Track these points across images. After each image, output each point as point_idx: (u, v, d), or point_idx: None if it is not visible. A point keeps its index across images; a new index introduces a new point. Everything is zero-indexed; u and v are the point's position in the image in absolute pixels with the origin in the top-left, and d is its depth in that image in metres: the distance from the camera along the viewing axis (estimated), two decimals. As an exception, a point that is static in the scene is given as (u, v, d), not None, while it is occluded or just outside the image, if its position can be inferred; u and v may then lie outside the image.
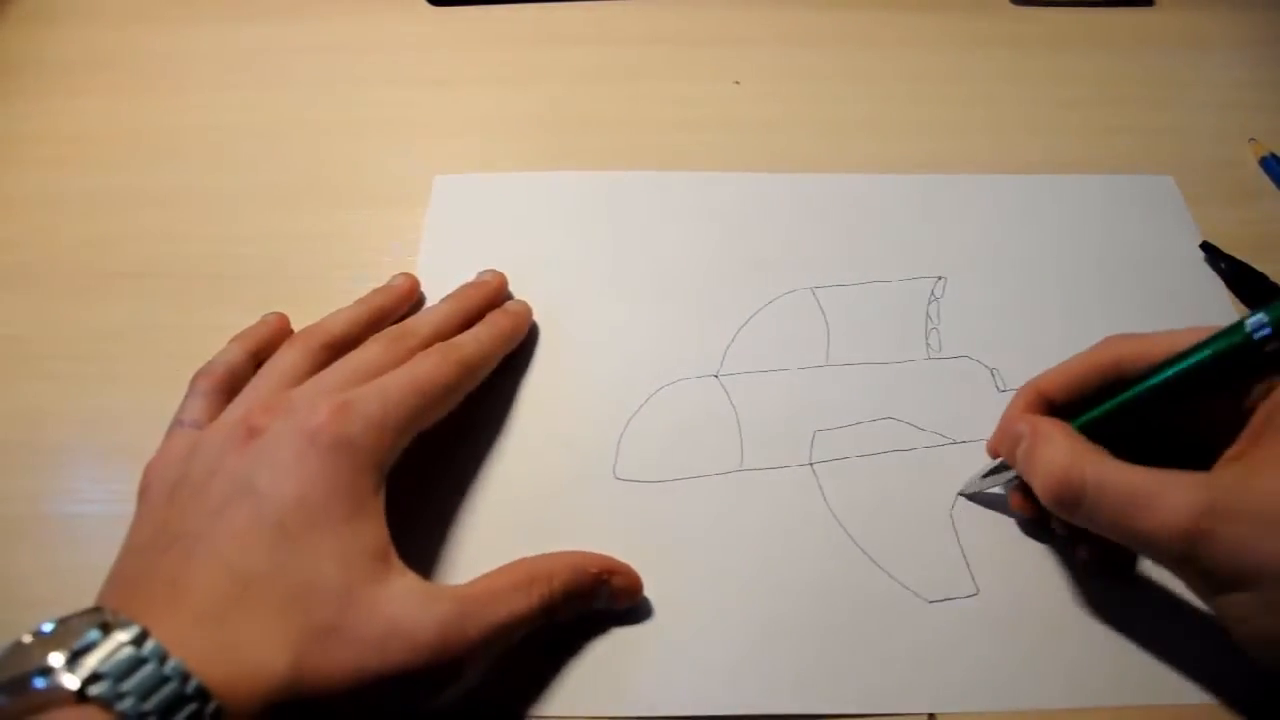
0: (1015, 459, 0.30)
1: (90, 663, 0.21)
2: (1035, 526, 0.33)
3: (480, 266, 0.39)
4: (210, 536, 0.25)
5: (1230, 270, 0.40)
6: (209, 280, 0.40)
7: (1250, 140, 0.46)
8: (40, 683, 0.20)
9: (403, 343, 0.32)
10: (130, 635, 0.21)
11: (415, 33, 0.51)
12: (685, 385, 0.37)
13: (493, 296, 0.37)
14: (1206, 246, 0.41)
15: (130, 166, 0.44)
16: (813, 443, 0.35)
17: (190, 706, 0.21)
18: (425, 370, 0.31)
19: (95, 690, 0.20)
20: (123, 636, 0.21)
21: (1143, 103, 0.48)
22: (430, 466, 0.34)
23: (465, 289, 0.37)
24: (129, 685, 0.21)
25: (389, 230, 0.41)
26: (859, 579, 0.32)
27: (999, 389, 0.37)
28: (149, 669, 0.21)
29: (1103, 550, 0.31)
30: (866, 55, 0.50)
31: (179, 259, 0.40)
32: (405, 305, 0.37)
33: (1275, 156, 0.45)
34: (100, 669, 0.21)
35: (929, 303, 0.39)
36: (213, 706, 0.21)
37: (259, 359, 0.33)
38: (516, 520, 0.33)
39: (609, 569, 0.30)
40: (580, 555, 0.30)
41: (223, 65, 0.49)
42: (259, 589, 0.24)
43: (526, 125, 0.46)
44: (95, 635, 0.21)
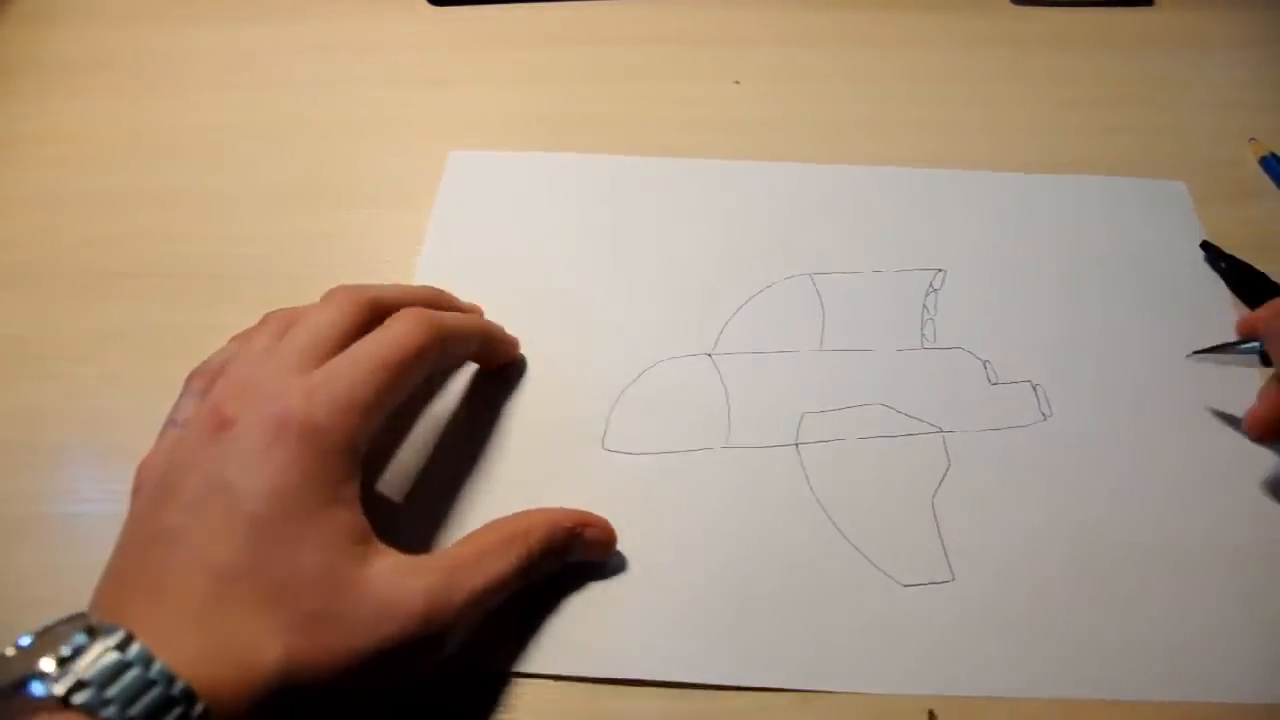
0: (1273, 329, 0.32)
1: (76, 670, 0.20)
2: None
3: (488, 239, 0.40)
4: (187, 534, 0.25)
5: (1230, 270, 0.40)
6: (209, 280, 0.40)
7: (1250, 140, 0.46)
8: (38, 689, 0.20)
9: (360, 295, 0.31)
10: (115, 640, 0.21)
11: (415, 33, 0.51)
12: (678, 362, 0.37)
13: (472, 308, 0.37)
14: (1206, 246, 0.41)
15: (130, 166, 0.44)
16: (800, 424, 0.35)
17: (176, 710, 0.21)
18: (393, 336, 0.29)
19: (79, 698, 0.20)
20: (108, 641, 0.21)
21: (1143, 103, 0.48)
22: (421, 432, 0.35)
23: (445, 291, 0.36)
24: (113, 692, 0.20)
25: (389, 230, 0.42)
26: (835, 559, 0.32)
27: (990, 381, 0.37)
28: (134, 674, 0.21)
29: None
30: (866, 55, 0.50)
31: (179, 259, 0.40)
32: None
33: (1275, 156, 0.44)
34: (85, 676, 0.20)
35: (927, 294, 0.39)
36: (199, 708, 0.21)
37: None
38: (505, 486, 0.34)
39: (582, 522, 0.31)
40: (554, 511, 0.31)
41: (223, 65, 0.49)
42: (240, 584, 0.24)
43: (526, 125, 0.46)
44: (82, 640, 0.21)
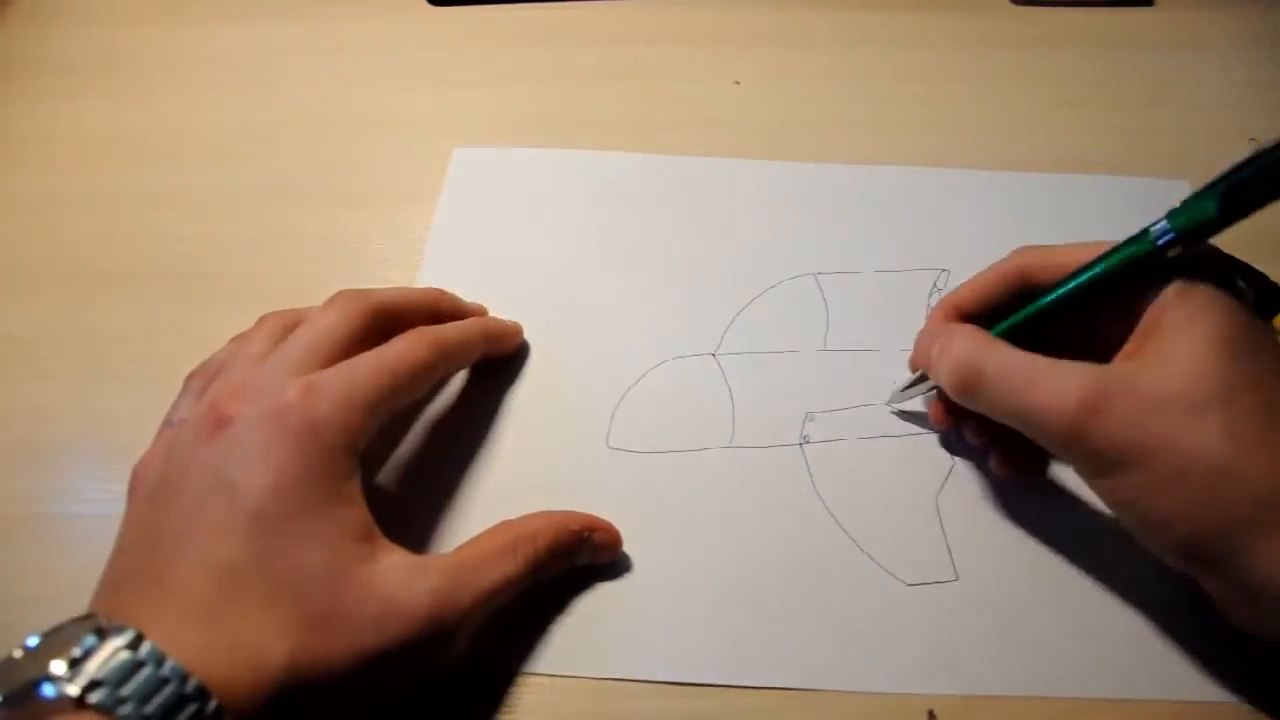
0: (930, 363, 0.32)
1: (89, 669, 0.21)
2: (954, 440, 0.35)
3: (492, 235, 0.41)
4: (190, 533, 0.25)
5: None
6: (209, 280, 0.40)
7: (1250, 140, 0.46)
8: (49, 691, 0.20)
9: (362, 300, 0.31)
10: (126, 639, 0.21)
11: (415, 33, 0.51)
12: (682, 362, 0.37)
13: (475, 308, 0.37)
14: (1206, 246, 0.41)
15: (130, 166, 0.44)
16: (803, 424, 0.35)
17: (191, 707, 0.21)
18: (396, 351, 0.29)
19: (95, 698, 0.20)
20: (118, 641, 0.21)
21: (1143, 103, 0.48)
22: (426, 431, 0.35)
23: (447, 292, 0.36)
24: (128, 690, 0.21)
25: (389, 230, 0.42)
26: (839, 559, 0.32)
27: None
28: (147, 672, 0.21)
29: (1012, 451, 0.32)
30: (866, 55, 0.50)
31: (179, 259, 0.40)
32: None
33: (1275, 157, 0.44)
34: (98, 675, 0.20)
35: (930, 294, 0.39)
36: (213, 705, 0.21)
37: None
38: (508, 484, 0.34)
39: (589, 525, 0.31)
40: (561, 514, 0.31)
41: (223, 65, 0.49)
42: (245, 582, 0.24)
43: (526, 125, 0.46)
44: (92, 640, 0.21)
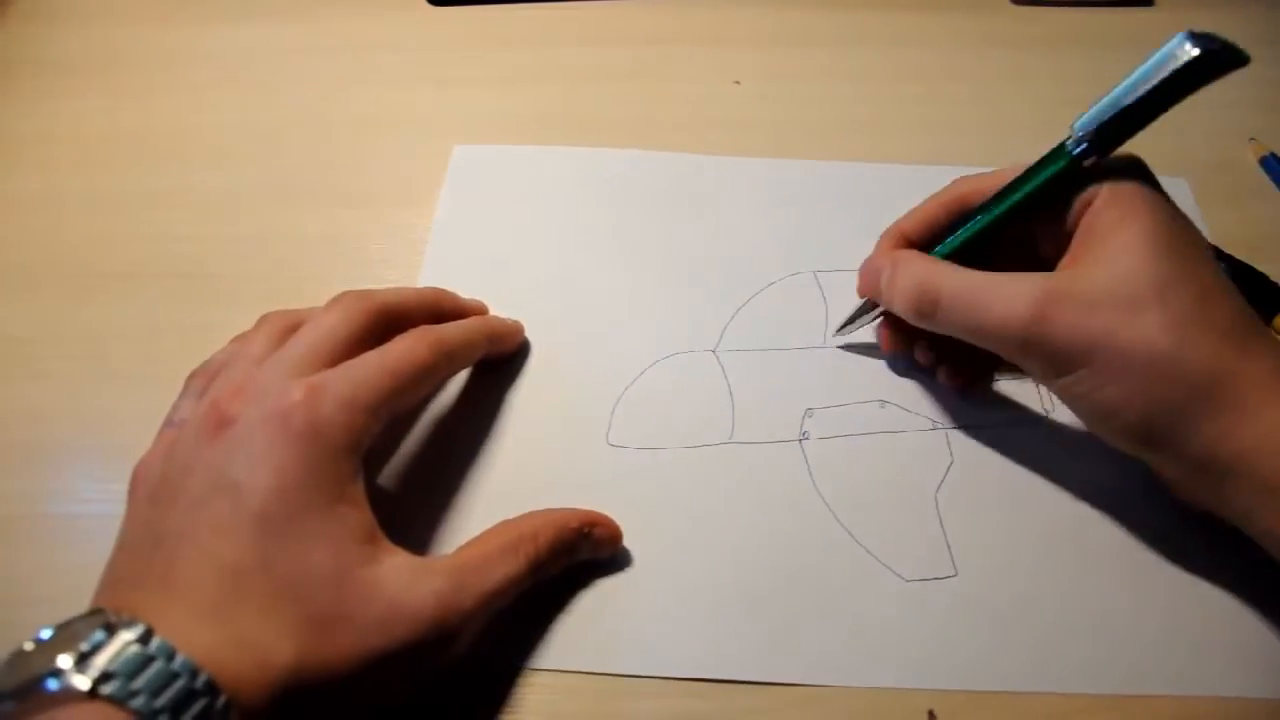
0: (880, 290, 0.34)
1: (99, 662, 0.21)
2: (903, 362, 0.37)
3: (492, 233, 0.41)
4: (193, 533, 0.25)
5: (1230, 270, 0.40)
6: (209, 280, 0.40)
7: (1250, 140, 0.46)
8: (53, 685, 0.20)
9: (364, 300, 0.31)
10: (135, 634, 0.21)
11: (415, 33, 0.51)
12: (682, 359, 0.37)
13: (476, 306, 0.37)
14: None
15: (130, 166, 0.44)
16: (803, 420, 0.36)
17: (201, 702, 0.21)
18: (398, 352, 0.29)
19: (107, 689, 0.20)
20: (128, 635, 0.21)
21: (1142, 103, 0.48)
22: (427, 430, 0.35)
23: (448, 291, 0.36)
24: (140, 683, 0.21)
25: (389, 230, 0.41)
26: (839, 554, 0.32)
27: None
28: (158, 666, 0.21)
29: (958, 365, 0.35)
30: (866, 55, 0.50)
31: (179, 259, 0.40)
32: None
33: (1275, 156, 0.45)
34: (110, 668, 0.21)
35: None
36: (222, 700, 0.21)
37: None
38: (509, 481, 0.34)
39: (589, 521, 0.31)
40: (561, 512, 0.31)
41: (223, 65, 0.49)
42: (250, 582, 0.24)
43: (526, 125, 0.46)
44: (101, 636, 0.21)
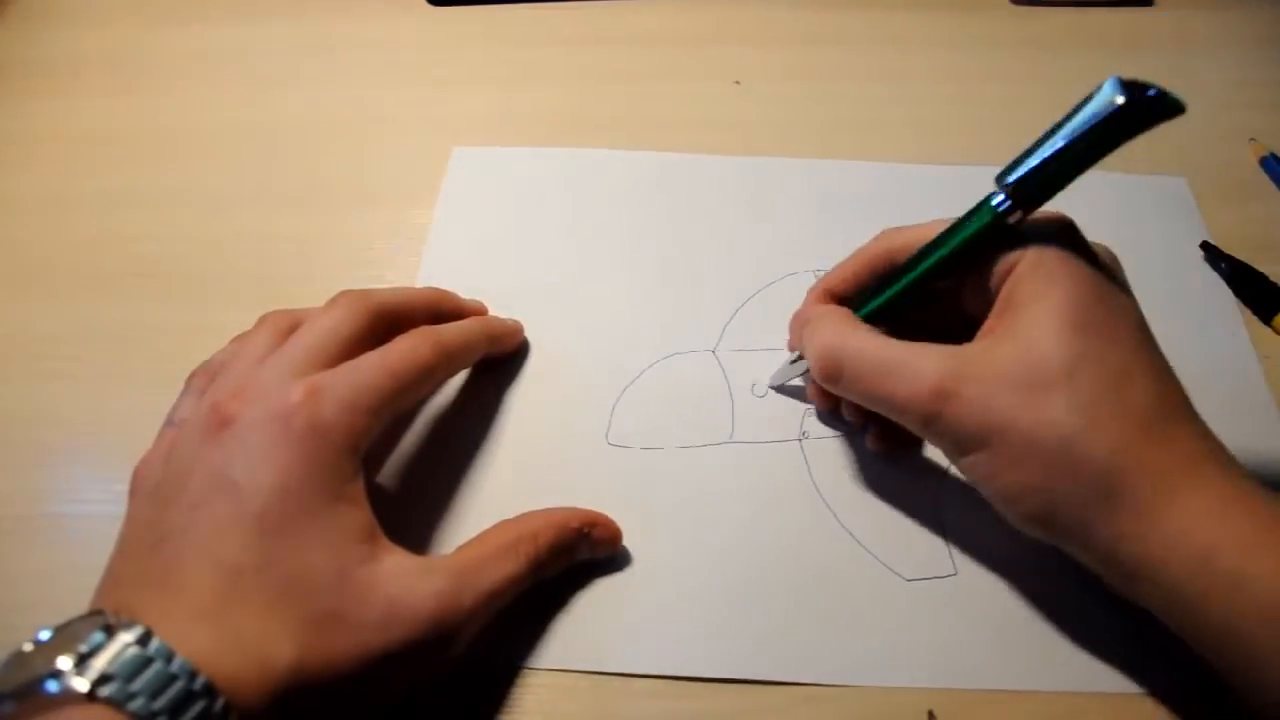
0: (803, 346, 0.32)
1: (98, 664, 0.21)
2: (834, 419, 0.35)
3: (491, 234, 0.41)
4: (193, 533, 0.25)
5: (1230, 270, 0.40)
6: (209, 280, 0.40)
7: (1250, 140, 0.46)
8: (53, 686, 0.20)
9: (364, 301, 0.30)
10: (134, 635, 0.21)
11: (415, 33, 0.51)
12: (682, 359, 0.37)
13: (475, 307, 0.37)
14: (1206, 246, 0.41)
15: (130, 166, 0.44)
16: (803, 420, 0.36)
17: (199, 703, 0.21)
18: (398, 352, 0.29)
19: (105, 691, 0.20)
20: (127, 637, 0.21)
21: (1142, 103, 0.48)
22: (427, 430, 0.35)
23: (448, 292, 0.36)
24: (138, 685, 0.21)
25: (388, 230, 0.41)
26: (839, 554, 0.32)
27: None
28: (156, 668, 0.21)
29: (886, 429, 0.33)
30: (866, 55, 0.50)
31: (179, 259, 0.40)
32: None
33: (1275, 156, 0.45)
34: (108, 670, 0.21)
35: None
36: (221, 702, 0.21)
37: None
38: (508, 481, 0.34)
39: (589, 521, 0.31)
40: (561, 512, 0.31)
41: (223, 65, 0.49)
42: (250, 582, 0.24)
43: (526, 125, 0.46)
44: (100, 637, 0.21)
